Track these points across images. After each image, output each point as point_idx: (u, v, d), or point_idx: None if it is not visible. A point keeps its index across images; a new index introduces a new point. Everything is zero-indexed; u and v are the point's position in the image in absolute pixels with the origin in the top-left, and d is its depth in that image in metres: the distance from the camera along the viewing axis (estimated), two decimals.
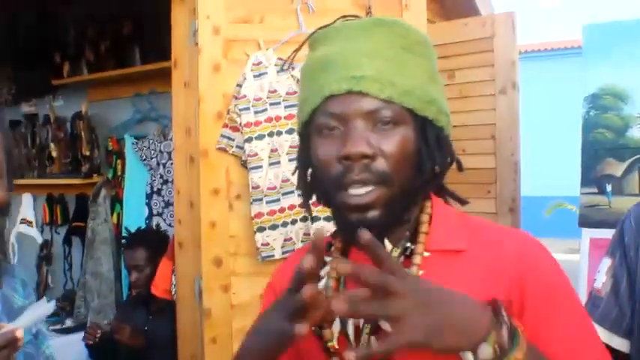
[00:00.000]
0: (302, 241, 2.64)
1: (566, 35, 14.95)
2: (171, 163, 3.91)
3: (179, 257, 2.79)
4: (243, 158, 2.61)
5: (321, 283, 1.20)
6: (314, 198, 1.28)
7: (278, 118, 2.63)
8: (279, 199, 2.62)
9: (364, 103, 1.11)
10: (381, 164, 1.10)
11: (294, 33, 2.68)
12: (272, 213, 2.60)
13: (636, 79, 2.61)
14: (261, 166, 2.59)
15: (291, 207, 2.63)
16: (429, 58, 1.18)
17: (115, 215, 4.35)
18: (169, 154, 3.96)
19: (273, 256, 2.61)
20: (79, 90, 4.66)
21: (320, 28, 1.24)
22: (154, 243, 3.49)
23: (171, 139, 3.94)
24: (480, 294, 1.05)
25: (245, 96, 2.59)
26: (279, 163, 2.62)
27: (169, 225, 3.94)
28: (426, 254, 1.14)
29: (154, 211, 3.99)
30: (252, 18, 2.67)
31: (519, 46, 3.75)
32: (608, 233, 2.51)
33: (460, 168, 1.24)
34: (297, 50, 1.46)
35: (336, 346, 1.15)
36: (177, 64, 2.75)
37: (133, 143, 4.11)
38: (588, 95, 2.69)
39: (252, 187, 2.59)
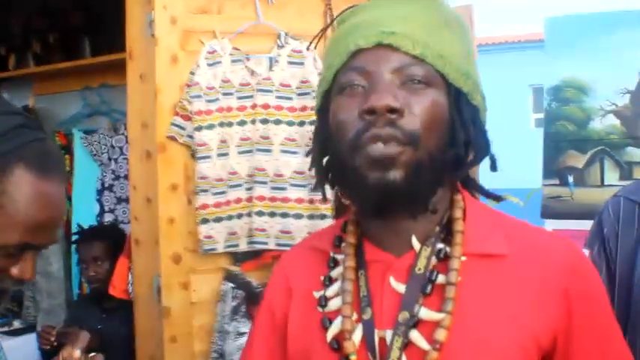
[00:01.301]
0: (247, 236, 2.62)
1: (526, 29, 15.24)
2: (124, 158, 3.86)
3: (136, 255, 2.75)
4: (193, 148, 2.59)
5: (335, 287, 1.11)
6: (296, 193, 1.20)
7: (230, 109, 2.62)
8: (225, 192, 2.60)
9: (394, 57, 1.01)
10: (409, 122, 0.99)
11: (250, 23, 2.67)
12: (217, 205, 2.59)
13: (598, 71, 2.65)
14: (209, 156, 2.57)
15: (238, 200, 2.62)
16: (464, 37, 1.09)
17: None
18: (121, 148, 3.90)
19: (215, 249, 2.60)
20: (25, 83, 4.56)
21: (349, 7, 1.13)
22: (113, 237, 3.41)
23: (123, 134, 3.89)
24: (523, 308, 1.01)
25: (198, 83, 2.57)
26: (227, 154, 2.61)
27: (121, 222, 3.88)
28: (463, 258, 1.03)
29: (106, 208, 3.93)
30: (210, 8, 2.66)
31: (478, 39, 3.78)
32: (571, 224, 2.57)
33: (494, 167, 1.12)
34: (324, 30, 1.33)
35: None
36: (133, 56, 2.70)
37: (82, 138, 4.03)
38: (550, 87, 2.72)
39: (199, 178, 2.56)
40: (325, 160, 1.13)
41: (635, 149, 2.59)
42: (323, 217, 2.62)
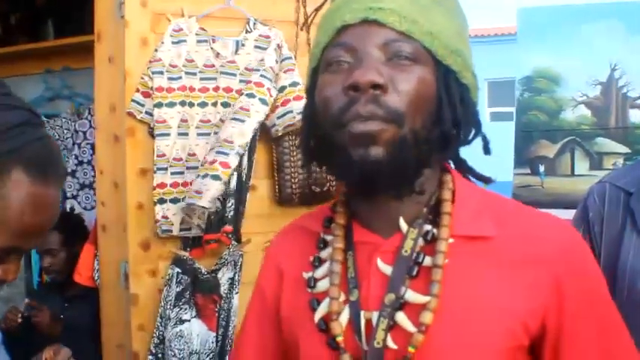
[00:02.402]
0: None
1: (479, 23, 15.36)
2: (87, 144, 3.81)
3: (102, 241, 2.72)
4: (152, 125, 2.57)
5: (324, 268, 1.11)
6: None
7: (192, 89, 2.62)
8: (183, 172, 2.58)
9: (380, 33, 0.99)
10: (392, 99, 0.97)
11: (219, 6, 2.68)
12: (175, 185, 2.58)
13: (570, 62, 2.69)
14: (168, 134, 2.56)
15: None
16: (458, 15, 1.08)
17: None
18: (85, 133, 3.84)
19: (171, 231, 2.58)
20: None
21: None
22: (68, 226, 3.36)
23: (86, 119, 3.83)
24: (511, 291, 1.00)
25: (160, 59, 2.56)
26: (187, 135, 2.59)
27: (84, 208, 3.83)
28: (450, 240, 1.02)
29: (68, 194, 3.87)
30: None
31: None
32: None
33: (487, 149, 1.10)
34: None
35: (344, 341, 1.04)
36: (101, 38, 2.67)
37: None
38: (522, 78, 2.75)
39: (157, 155, 2.55)
40: (311, 138, 1.12)
41: (605, 139, 2.63)
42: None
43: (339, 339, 1.03)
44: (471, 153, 1.13)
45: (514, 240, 1.03)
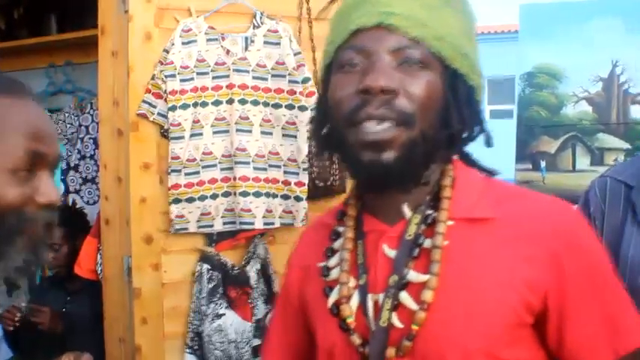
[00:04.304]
0: (222, 217, 2.63)
1: (481, 21, 15.29)
2: (90, 138, 3.81)
3: (106, 235, 2.72)
4: (165, 127, 2.58)
5: (336, 257, 1.16)
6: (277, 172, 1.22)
7: (204, 89, 2.62)
8: (198, 172, 2.61)
9: (392, 38, 1.03)
10: (403, 103, 1.02)
11: (226, 2, 2.67)
12: (190, 185, 2.59)
13: (571, 58, 2.69)
14: (183, 137, 2.58)
15: (212, 181, 2.63)
16: (467, 16, 1.11)
17: None
18: (87, 128, 3.84)
19: (187, 229, 2.61)
20: None
21: None
22: (70, 220, 3.37)
23: (89, 113, 3.83)
24: (511, 268, 1.03)
25: (172, 62, 2.56)
26: (201, 135, 2.61)
27: (87, 202, 3.84)
28: (450, 223, 1.07)
29: (71, 188, 3.87)
30: None
31: None
32: None
33: (488, 143, 1.14)
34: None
35: (354, 323, 1.10)
36: (105, 32, 2.67)
37: None
38: (524, 74, 2.75)
39: (172, 158, 2.57)
40: (324, 132, 1.16)
41: (606, 135, 2.64)
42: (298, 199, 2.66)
43: (350, 320, 1.09)
44: (473, 150, 1.15)
45: (513, 219, 1.07)
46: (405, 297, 1.05)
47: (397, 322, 1.04)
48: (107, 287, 2.74)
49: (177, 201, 2.57)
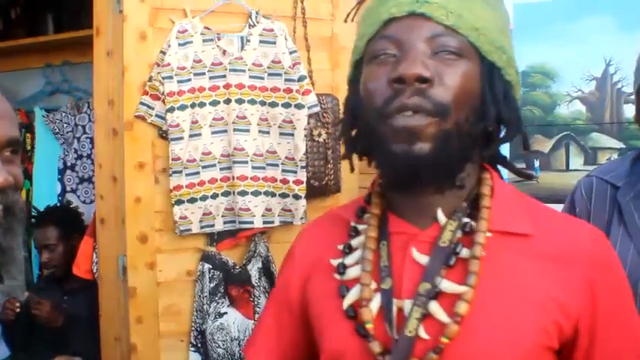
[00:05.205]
0: (222, 216, 2.64)
1: None
2: (87, 137, 3.82)
3: (101, 234, 2.73)
4: (164, 128, 2.59)
5: (355, 255, 1.10)
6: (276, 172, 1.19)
7: (202, 89, 2.62)
8: (198, 172, 2.62)
9: (427, 26, 1.00)
10: (439, 93, 0.97)
11: (221, 2, 2.67)
12: (191, 186, 2.60)
13: (565, 57, 2.68)
14: (182, 138, 2.58)
15: (212, 180, 2.64)
16: (501, 12, 1.08)
17: (23, 192, 4.16)
18: (84, 127, 3.84)
19: (190, 230, 2.62)
20: None
21: None
22: (65, 220, 3.38)
23: (86, 113, 3.84)
24: (546, 288, 1.00)
25: (169, 64, 2.56)
26: (200, 135, 2.62)
27: (84, 202, 3.84)
28: (488, 234, 1.02)
29: (68, 188, 3.87)
30: None
31: None
32: None
33: (526, 146, 1.12)
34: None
35: (374, 329, 1.02)
36: (100, 32, 2.67)
37: (43, 116, 3.95)
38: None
39: (172, 159, 2.58)
40: (352, 129, 1.12)
41: (599, 135, 2.64)
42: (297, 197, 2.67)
43: (369, 326, 1.02)
44: None
45: (548, 239, 1.03)
46: (435, 308, 0.99)
47: (423, 333, 0.99)
48: (103, 286, 2.75)
49: (179, 202, 2.58)
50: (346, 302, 1.06)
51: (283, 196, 2.68)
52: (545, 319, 0.99)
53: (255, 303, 2.69)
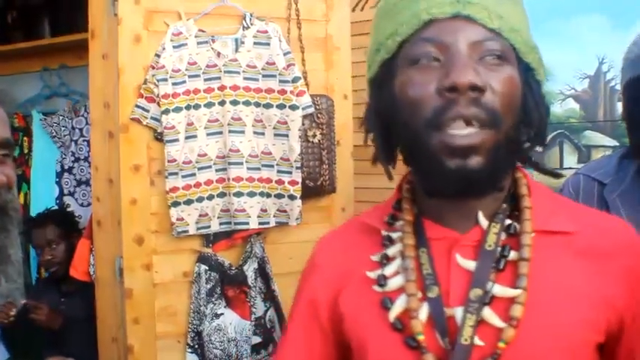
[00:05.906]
0: (218, 217, 2.66)
1: None
2: (84, 140, 3.83)
3: (97, 236, 2.74)
4: (159, 130, 2.60)
5: (393, 265, 1.06)
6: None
7: (197, 91, 2.63)
8: (194, 174, 2.62)
9: (472, 30, 0.95)
10: (491, 99, 0.93)
11: (215, 5, 2.68)
12: (187, 187, 2.61)
13: (558, 56, 2.69)
14: (177, 139, 2.59)
15: (208, 182, 2.65)
16: (524, 9, 1.04)
17: (21, 195, 4.17)
18: (81, 130, 3.85)
19: (187, 231, 2.63)
20: None
21: None
22: (64, 220, 3.40)
23: (83, 116, 3.85)
24: (589, 285, 0.99)
25: (164, 66, 2.57)
26: (195, 137, 2.62)
27: (81, 205, 3.84)
28: (533, 234, 1.00)
29: (65, 191, 3.88)
30: None
31: None
32: None
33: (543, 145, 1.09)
34: None
35: (426, 340, 0.98)
36: (95, 35, 2.68)
37: (41, 120, 3.97)
38: None
39: (168, 161, 2.58)
40: (380, 138, 1.07)
41: (593, 133, 2.65)
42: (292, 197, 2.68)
43: (420, 337, 0.98)
44: None
45: (588, 235, 1.02)
46: (489, 313, 0.97)
47: (478, 340, 0.96)
48: (99, 288, 2.75)
49: (176, 204, 2.58)
50: (392, 315, 1.03)
51: (279, 196, 2.69)
52: (594, 315, 0.98)
53: (252, 304, 2.70)
